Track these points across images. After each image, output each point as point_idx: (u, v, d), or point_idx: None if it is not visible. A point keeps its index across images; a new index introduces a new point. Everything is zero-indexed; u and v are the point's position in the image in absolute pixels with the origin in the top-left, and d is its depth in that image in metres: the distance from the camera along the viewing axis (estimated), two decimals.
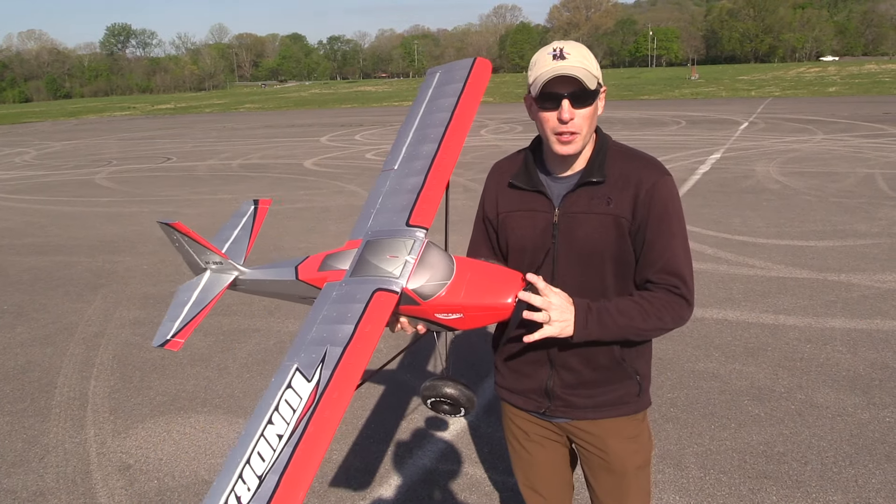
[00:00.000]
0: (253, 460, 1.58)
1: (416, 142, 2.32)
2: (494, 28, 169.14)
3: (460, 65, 2.51)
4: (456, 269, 1.95)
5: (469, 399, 2.00)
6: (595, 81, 1.93)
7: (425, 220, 2.06)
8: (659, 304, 1.97)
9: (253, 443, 1.62)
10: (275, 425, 1.63)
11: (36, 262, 8.88)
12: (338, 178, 14.87)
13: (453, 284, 1.93)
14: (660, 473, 3.72)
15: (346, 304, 1.88)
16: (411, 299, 1.92)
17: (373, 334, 1.78)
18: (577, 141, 1.97)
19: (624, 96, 42.93)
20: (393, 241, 2.00)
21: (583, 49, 1.96)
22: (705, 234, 8.50)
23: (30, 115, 58.32)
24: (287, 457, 1.56)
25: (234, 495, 1.53)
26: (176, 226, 2.42)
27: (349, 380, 1.68)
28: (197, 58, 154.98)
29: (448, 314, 1.95)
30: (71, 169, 19.02)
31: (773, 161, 14.26)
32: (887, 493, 3.47)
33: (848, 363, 4.91)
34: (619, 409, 2.16)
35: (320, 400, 1.65)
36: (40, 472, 4.03)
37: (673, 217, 2.00)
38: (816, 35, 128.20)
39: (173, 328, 2.45)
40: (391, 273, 1.92)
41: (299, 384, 1.70)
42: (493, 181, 2.23)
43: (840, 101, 32.10)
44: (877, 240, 7.99)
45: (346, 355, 1.72)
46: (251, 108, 51.84)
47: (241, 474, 1.57)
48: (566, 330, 1.90)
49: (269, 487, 1.51)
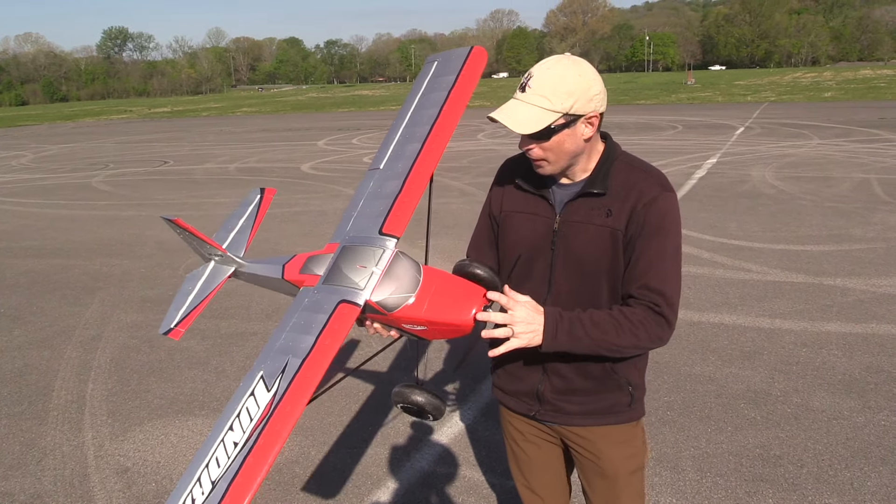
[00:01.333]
0: (211, 465, 1.66)
1: (403, 140, 2.30)
2: (491, 32, 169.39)
3: (457, 53, 2.46)
4: (421, 283, 1.95)
5: (435, 407, 2.01)
6: (552, 118, 1.86)
7: (397, 228, 2.06)
8: (636, 319, 1.91)
9: (214, 448, 1.69)
10: (234, 432, 1.70)
11: (33, 266, 8.87)
12: (335, 182, 14.88)
13: (417, 298, 1.93)
14: (656, 476, 3.74)
15: (312, 314, 1.92)
16: (376, 310, 1.94)
17: (331, 347, 1.81)
18: (545, 167, 1.98)
19: (621, 101, 43.04)
20: (364, 250, 2.02)
21: (554, 76, 1.87)
22: (701, 239, 8.53)
23: (26, 119, 58.26)
24: (238, 465, 1.62)
25: (191, 497, 1.62)
26: (176, 221, 2.49)
27: (302, 393, 1.73)
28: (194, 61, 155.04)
29: (413, 325, 1.97)
30: (68, 172, 19.00)
31: (769, 166, 14.31)
32: (883, 495, 3.48)
33: (844, 367, 4.94)
34: (608, 418, 2.15)
35: (273, 412, 1.70)
36: (38, 475, 4.03)
37: (667, 234, 1.95)
38: (812, 40, 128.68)
39: (177, 317, 2.56)
40: (357, 284, 1.94)
41: (260, 393, 1.76)
42: (501, 178, 2.22)
43: (835, 106, 32.22)
44: (872, 244, 8.03)
45: (302, 369, 1.77)
46: (248, 112, 51.84)
47: (200, 478, 1.65)
48: (534, 340, 1.88)
49: (218, 493, 1.58)
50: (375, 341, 5.61)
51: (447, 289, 1.95)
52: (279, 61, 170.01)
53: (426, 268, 2.02)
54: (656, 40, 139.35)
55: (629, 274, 1.97)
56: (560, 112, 1.86)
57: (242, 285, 7.86)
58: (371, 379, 5.10)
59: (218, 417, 1.77)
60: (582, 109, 1.88)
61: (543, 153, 1.94)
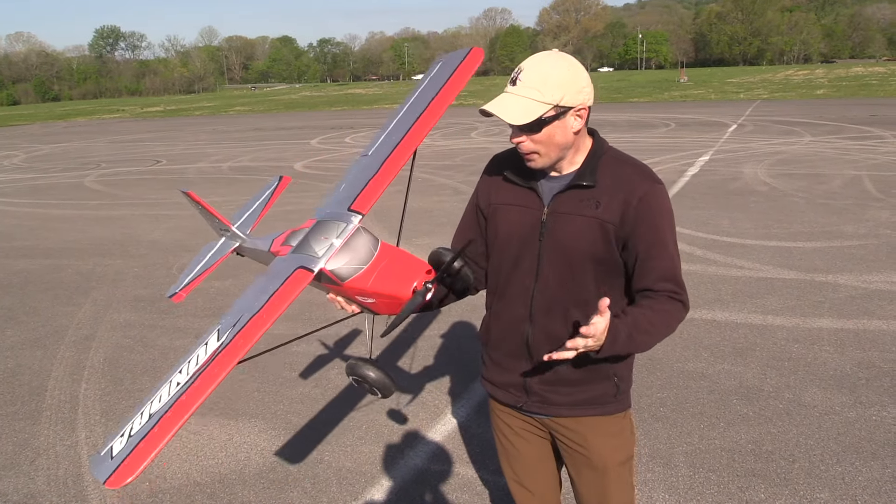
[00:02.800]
0: (154, 400, 1.81)
1: (393, 131, 2.41)
2: (484, 31, 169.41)
3: (457, 54, 2.56)
4: (375, 256, 2.06)
5: (385, 385, 2.09)
6: (543, 109, 1.90)
7: (364, 206, 2.18)
8: (666, 311, 2.02)
9: (160, 386, 1.85)
10: (181, 374, 1.85)
11: (26, 266, 8.84)
12: (328, 181, 14.88)
13: (367, 270, 2.04)
14: (649, 472, 3.76)
15: (272, 278, 2.06)
16: (330, 279, 2.05)
17: (279, 306, 1.94)
18: (536, 160, 2.02)
19: (614, 99, 43.10)
20: (330, 224, 2.14)
21: (543, 70, 1.92)
22: (694, 236, 8.56)
23: (18, 118, 57.98)
24: (172, 401, 1.76)
25: (131, 426, 1.76)
26: (189, 194, 2.71)
27: (243, 344, 1.85)
28: (186, 60, 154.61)
29: (363, 297, 2.08)
30: (60, 172, 18.93)
31: (762, 163, 14.37)
32: (873, 490, 3.51)
33: (835, 363, 4.97)
34: (595, 409, 2.18)
35: (214, 359, 1.83)
36: (31, 475, 4.02)
37: (665, 226, 2.03)
38: (804, 38, 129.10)
39: (183, 282, 2.78)
40: (316, 253, 2.06)
41: (212, 342, 1.91)
42: (490, 171, 2.26)
43: (827, 103, 32.35)
44: (864, 241, 8.07)
45: (248, 323, 1.90)
46: (241, 111, 51.72)
47: (142, 410, 1.80)
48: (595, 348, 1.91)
49: (150, 425, 1.72)
50: None
51: (397, 263, 2.06)
52: (272, 60, 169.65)
53: (384, 244, 2.12)
54: (649, 38, 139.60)
55: (641, 269, 2.03)
56: (551, 104, 1.91)
57: (237, 286, 7.83)
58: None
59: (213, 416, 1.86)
60: (571, 101, 1.93)
61: (534, 146, 1.98)
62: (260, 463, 4.06)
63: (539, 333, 2.12)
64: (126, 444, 1.70)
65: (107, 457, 1.72)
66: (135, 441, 1.69)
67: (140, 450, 1.67)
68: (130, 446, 1.69)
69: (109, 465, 1.68)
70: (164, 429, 1.69)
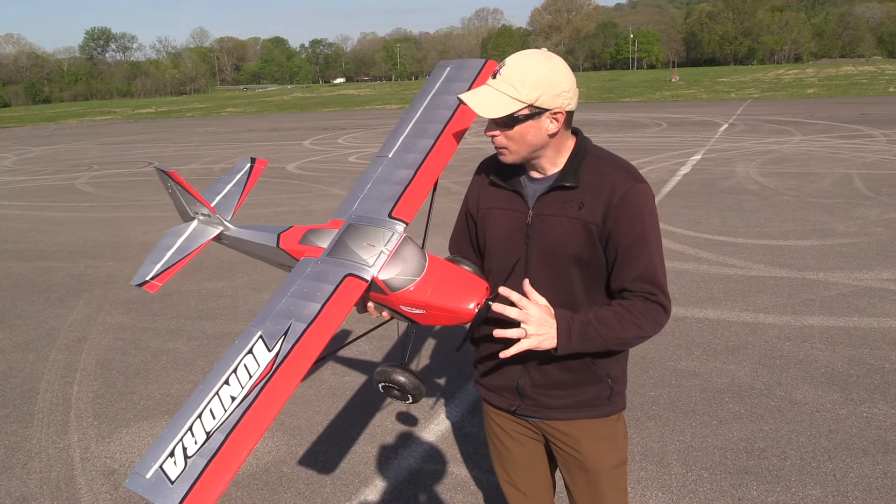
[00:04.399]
0: (204, 416, 1.65)
1: (414, 134, 2.36)
2: (476, 31, 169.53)
3: (471, 64, 2.54)
4: (427, 268, 2.01)
5: (416, 388, 2.08)
6: (517, 107, 1.90)
7: (407, 214, 2.13)
8: (637, 311, 1.96)
9: (207, 399, 1.68)
10: (230, 387, 1.71)
11: (17, 268, 8.80)
12: (321, 182, 14.86)
13: (422, 282, 1.99)
14: (642, 471, 3.77)
15: (317, 283, 1.95)
16: (380, 289, 1.99)
17: (337, 316, 1.85)
18: (506, 155, 2.02)
19: (605, 99, 43.19)
20: (372, 230, 2.07)
21: (523, 69, 1.90)
22: (686, 235, 8.59)
23: (8, 121, 57.69)
24: (237, 418, 1.63)
25: (182, 445, 1.61)
26: (171, 174, 2.51)
27: (307, 356, 1.76)
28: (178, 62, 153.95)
29: (413, 308, 2.01)
30: (51, 174, 18.85)
31: (753, 162, 14.42)
32: (864, 486, 3.53)
33: (826, 360, 4.99)
34: (589, 412, 2.17)
35: (277, 370, 1.72)
36: (23, 478, 4.01)
37: (647, 225, 1.99)
38: (794, 37, 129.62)
39: (153, 270, 2.55)
40: (365, 261, 1.99)
41: (260, 352, 1.77)
42: (477, 177, 2.27)
43: (818, 102, 32.49)
44: (854, 239, 8.11)
45: (308, 332, 1.79)
46: (233, 112, 51.58)
47: (191, 427, 1.64)
48: (545, 343, 1.89)
49: (215, 444, 1.59)
50: (360, 327, 5.61)
51: (451, 277, 2.02)
52: (264, 61, 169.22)
53: (431, 255, 2.07)
54: (640, 38, 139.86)
55: (619, 269, 2.00)
56: (525, 102, 1.90)
57: (228, 287, 7.79)
58: (359, 377, 5.11)
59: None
60: (548, 104, 1.92)
61: (506, 141, 1.99)
62: (253, 464, 4.06)
63: None
64: (188, 466, 1.56)
65: (161, 481, 1.56)
66: (201, 463, 1.56)
67: (212, 472, 1.54)
68: (198, 468, 1.55)
69: (175, 491, 1.53)
70: (237, 448, 1.57)
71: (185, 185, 2.53)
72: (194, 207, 2.60)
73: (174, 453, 1.60)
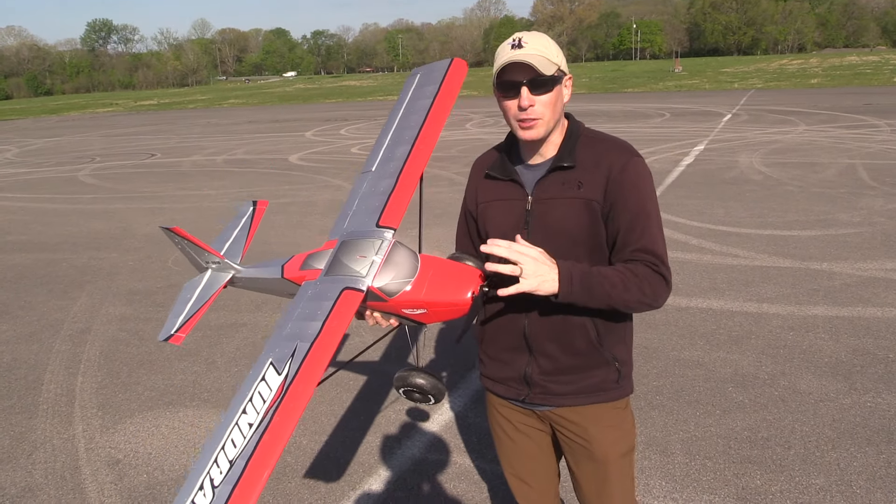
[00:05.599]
0: (227, 447, 1.73)
1: (393, 144, 2.41)
2: (479, 22, 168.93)
3: (439, 66, 2.60)
4: (419, 268, 2.05)
5: (435, 387, 2.10)
6: (554, 68, 1.96)
7: (394, 220, 2.16)
8: (641, 275, 1.96)
9: (228, 430, 1.77)
10: (247, 415, 1.78)
11: (20, 260, 8.81)
12: (323, 173, 14.85)
13: (416, 282, 2.03)
14: (646, 460, 3.77)
15: (317, 302, 2.01)
16: (378, 296, 2.03)
17: (338, 330, 1.90)
18: (538, 126, 2.01)
19: (608, 89, 43.07)
20: (363, 242, 2.11)
21: (542, 38, 2.00)
22: (689, 225, 8.57)
23: (10, 113, 57.71)
24: (254, 443, 1.70)
25: (209, 478, 1.68)
26: (175, 230, 2.58)
27: (313, 373, 1.82)
28: (179, 53, 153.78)
29: (413, 309, 2.05)
30: (54, 166, 18.86)
31: (756, 152, 14.38)
32: (868, 475, 3.53)
33: (830, 350, 4.99)
34: (598, 396, 2.17)
35: (286, 392, 1.79)
36: (29, 469, 4.02)
37: (646, 198, 2.00)
38: (798, 27, 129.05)
39: (177, 323, 2.62)
40: (359, 272, 2.03)
41: (271, 377, 1.84)
42: (473, 175, 2.29)
43: (822, 92, 32.38)
44: (858, 229, 8.09)
45: (311, 351, 1.85)
46: (235, 104, 51.55)
47: (216, 459, 1.72)
48: (545, 286, 1.87)
49: (237, 470, 1.66)
50: (369, 333, 5.62)
51: (444, 272, 2.05)
52: (265, 52, 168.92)
53: (423, 255, 2.11)
54: (643, 28, 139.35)
55: (620, 241, 2.01)
56: (557, 65, 1.98)
57: None
58: (362, 369, 5.12)
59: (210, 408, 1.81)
60: (566, 70, 2.04)
61: (542, 109, 1.98)
62: None
63: (536, 324, 2.11)
64: (216, 495, 1.64)
65: None
66: (227, 489, 1.63)
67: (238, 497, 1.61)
68: (224, 495, 1.62)
69: None
70: (258, 470, 1.64)
71: (190, 238, 2.60)
72: (204, 257, 2.69)
73: (203, 486, 1.68)
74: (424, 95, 2.50)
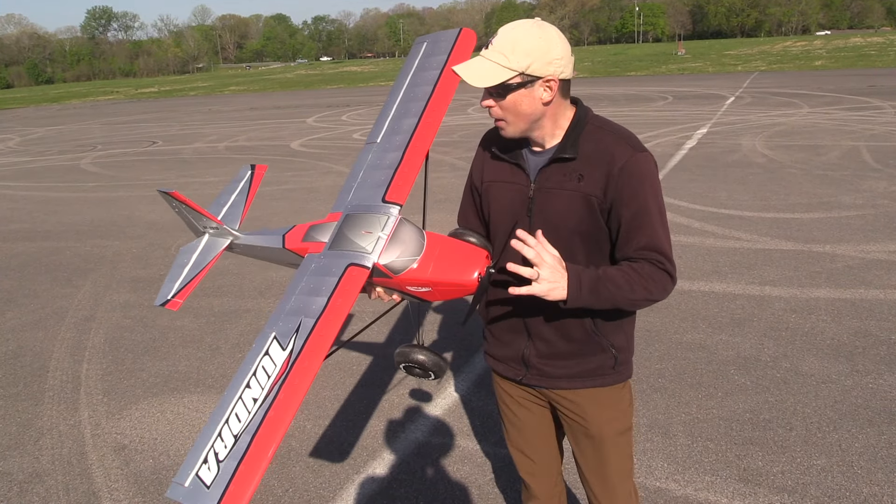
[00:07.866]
0: (231, 421, 1.72)
1: (399, 115, 2.37)
2: (480, 6, 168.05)
3: (446, 35, 2.53)
4: (426, 246, 2.03)
5: (436, 364, 2.11)
6: (511, 74, 1.88)
7: (400, 196, 2.14)
8: (645, 273, 1.95)
9: (232, 405, 1.76)
10: (251, 389, 1.77)
11: (24, 248, 8.84)
12: (325, 159, 14.83)
13: (422, 261, 2.01)
14: (648, 442, 3.79)
15: (321, 277, 1.99)
16: (383, 273, 2.02)
17: (344, 307, 1.89)
18: (506, 128, 2.01)
19: (611, 72, 42.86)
20: (368, 217, 2.09)
21: (513, 40, 1.89)
22: (692, 208, 8.56)
23: (11, 102, 57.65)
24: (260, 419, 1.69)
25: (213, 451, 1.68)
26: (173, 194, 2.56)
27: (319, 349, 1.80)
28: (180, 40, 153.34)
29: (418, 287, 2.05)
30: (55, 154, 18.86)
31: (759, 135, 14.32)
32: (869, 456, 3.55)
33: (832, 332, 4.99)
34: (593, 381, 2.18)
35: (292, 368, 1.77)
36: (35, 455, 4.06)
37: (648, 194, 1.96)
38: (802, 8, 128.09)
39: (173, 289, 2.62)
40: (364, 248, 2.02)
41: (275, 352, 1.83)
42: (481, 149, 2.26)
43: (826, 74, 32.20)
44: (861, 211, 8.08)
45: (317, 327, 1.84)
46: (236, 91, 51.42)
47: (220, 433, 1.71)
48: (555, 292, 1.87)
49: (242, 446, 1.66)
50: (370, 315, 5.63)
51: (451, 251, 2.04)
52: (266, 38, 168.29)
53: (429, 233, 2.09)
54: (646, 11, 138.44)
55: (623, 238, 1.99)
56: (516, 70, 1.88)
57: (234, 264, 7.83)
58: (366, 352, 5.14)
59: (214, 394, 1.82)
60: (539, 71, 1.89)
61: (501, 112, 1.98)
62: None
63: (535, 309, 2.12)
64: (221, 469, 1.63)
65: (198, 487, 1.63)
66: (232, 464, 1.62)
67: (243, 472, 1.60)
68: (229, 470, 1.62)
69: (212, 495, 1.60)
70: (263, 447, 1.63)
71: (188, 203, 2.58)
72: (202, 222, 2.66)
73: (207, 460, 1.67)
74: (432, 66, 2.43)
